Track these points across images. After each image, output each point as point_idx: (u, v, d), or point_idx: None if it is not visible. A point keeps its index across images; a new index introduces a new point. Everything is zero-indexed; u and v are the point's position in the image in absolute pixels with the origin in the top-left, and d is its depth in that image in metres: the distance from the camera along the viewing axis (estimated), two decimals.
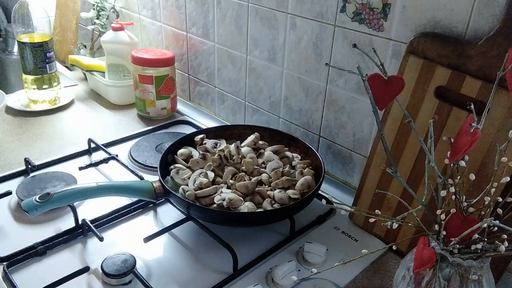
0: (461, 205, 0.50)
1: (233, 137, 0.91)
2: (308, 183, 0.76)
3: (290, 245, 0.74)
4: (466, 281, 0.51)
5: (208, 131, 0.91)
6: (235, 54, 1.03)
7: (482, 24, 0.63)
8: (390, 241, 0.67)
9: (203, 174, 0.77)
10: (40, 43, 1.10)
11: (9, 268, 0.66)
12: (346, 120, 0.85)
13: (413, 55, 0.67)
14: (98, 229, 0.72)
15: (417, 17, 0.69)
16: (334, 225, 0.79)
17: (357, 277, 0.68)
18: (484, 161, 0.60)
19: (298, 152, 0.87)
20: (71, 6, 1.41)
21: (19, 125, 1.09)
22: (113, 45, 1.17)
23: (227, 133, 0.91)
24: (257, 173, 0.80)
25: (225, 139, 0.89)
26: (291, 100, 0.95)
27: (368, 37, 0.76)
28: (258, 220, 0.73)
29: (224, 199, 0.71)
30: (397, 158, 0.70)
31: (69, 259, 0.69)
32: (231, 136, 0.91)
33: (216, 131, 0.91)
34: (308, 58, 0.87)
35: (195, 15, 1.09)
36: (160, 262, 0.70)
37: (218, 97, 1.14)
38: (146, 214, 0.80)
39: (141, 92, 1.11)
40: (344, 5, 0.78)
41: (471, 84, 0.61)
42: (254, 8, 0.94)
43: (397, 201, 0.70)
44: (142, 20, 1.29)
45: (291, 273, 0.64)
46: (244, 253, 0.69)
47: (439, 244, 0.51)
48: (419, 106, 0.67)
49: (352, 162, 0.88)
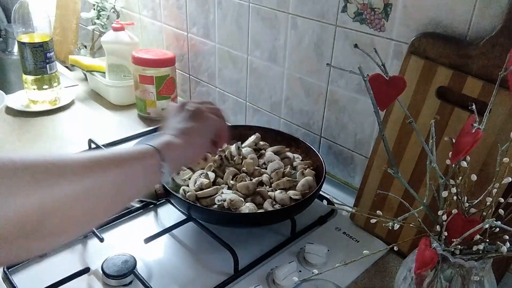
0: (463, 206, 0.50)
1: (234, 138, 0.90)
2: (309, 184, 0.76)
3: (291, 246, 0.73)
4: (467, 282, 0.51)
5: None
6: (236, 54, 1.03)
7: (484, 24, 0.62)
8: (391, 242, 0.67)
9: (204, 175, 0.77)
10: (40, 43, 1.10)
11: (9, 269, 0.65)
12: (347, 121, 0.85)
13: (414, 55, 0.67)
14: (98, 230, 0.72)
15: (418, 17, 0.69)
16: (335, 226, 0.79)
17: (358, 278, 0.68)
18: (486, 162, 0.60)
19: (299, 152, 0.87)
20: (72, 6, 1.41)
21: (19, 125, 1.09)
22: (113, 45, 1.17)
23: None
24: (258, 173, 0.80)
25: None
26: (292, 101, 0.94)
27: (370, 37, 0.76)
28: (259, 221, 0.73)
29: (225, 200, 0.71)
30: (399, 158, 0.70)
31: (70, 260, 0.69)
32: (232, 136, 0.90)
33: None
34: (309, 59, 0.87)
35: (196, 15, 1.09)
36: (161, 263, 0.69)
37: (219, 98, 1.14)
38: (147, 215, 0.80)
39: (142, 92, 1.11)
40: (345, 5, 0.77)
41: (473, 85, 0.61)
42: (255, 8, 0.94)
43: (398, 201, 0.70)
44: (143, 20, 1.28)
45: (292, 274, 0.64)
46: (245, 254, 0.69)
47: (440, 245, 0.51)
48: (421, 106, 0.67)
49: (353, 162, 0.87)
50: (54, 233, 0.43)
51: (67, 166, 0.44)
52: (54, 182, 0.42)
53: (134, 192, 0.53)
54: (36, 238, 0.41)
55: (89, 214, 0.46)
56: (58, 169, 0.43)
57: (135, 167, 0.51)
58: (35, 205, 0.40)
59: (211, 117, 0.62)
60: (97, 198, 0.46)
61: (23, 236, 0.40)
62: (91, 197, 0.45)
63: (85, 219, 0.46)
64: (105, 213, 0.49)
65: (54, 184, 0.42)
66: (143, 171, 0.52)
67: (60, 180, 0.43)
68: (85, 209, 0.45)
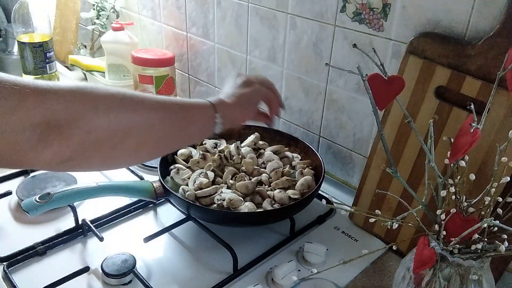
0: (461, 205, 0.50)
1: (233, 137, 0.91)
2: (308, 183, 0.76)
3: (290, 245, 0.74)
4: (466, 281, 0.51)
5: None
6: (235, 54, 1.03)
7: (482, 24, 0.63)
8: (390, 241, 0.67)
9: (203, 174, 0.77)
10: (40, 43, 1.10)
11: (9, 268, 0.66)
12: (346, 120, 0.85)
13: (413, 55, 0.67)
14: (98, 229, 0.72)
15: (417, 17, 0.69)
16: (334, 225, 0.79)
17: (357, 277, 0.68)
18: (484, 161, 0.60)
19: (298, 152, 0.87)
20: (71, 6, 1.41)
21: None
22: (113, 45, 1.17)
23: (227, 133, 0.91)
24: (257, 173, 0.80)
25: (225, 139, 0.89)
26: (291, 100, 0.95)
27: (368, 37, 0.76)
28: (258, 220, 0.73)
29: (224, 199, 0.71)
30: (397, 158, 0.70)
31: (69, 259, 0.69)
32: (231, 136, 0.91)
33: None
34: (308, 58, 0.87)
35: (195, 15, 1.09)
36: (160, 262, 0.70)
37: None
38: (146, 214, 0.80)
39: (141, 92, 1.11)
40: (344, 5, 0.78)
41: (471, 84, 0.61)
42: (254, 8, 0.94)
43: (397, 201, 0.70)
44: (142, 20, 1.28)
45: (291, 273, 0.64)
46: (244, 253, 0.69)
47: (439, 244, 0.51)
48: (419, 106, 0.67)
49: (352, 162, 0.88)
50: (134, 149, 0.55)
51: (145, 100, 0.56)
52: (136, 110, 0.54)
53: (192, 134, 0.63)
54: (121, 150, 0.54)
55: (160, 141, 0.58)
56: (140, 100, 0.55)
57: (196, 113, 0.62)
58: (121, 123, 0.52)
59: (259, 87, 0.71)
60: (166, 130, 0.58)
61: (112, 146, 0.52)
62: (162, 128, 0.57)
63: (156, 144, 0.58)
64: (171, 145, 0.62)
65: (135, 111, 0.54)
66: (202, 117, 0.63)
67: (140, 109, 0.55)
68: (157, 136, 0.57)
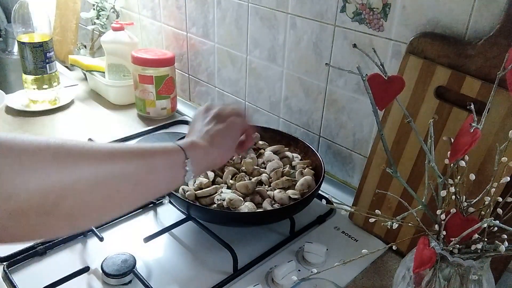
0: (461, 205, 0.50)
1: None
2: (308, 183, 0.76)
3: (290, 245, 0.74)
4: (466, 281, 0.51)
5: None
6: (235, 54, 1.03)
7: (482, 24, 0.63)
8: (390, 241, 0.67)
9: (203, 174, 0.77)
10: (40, 43, 1.10)
11: (9, 268, 0.66)
12: (346, 120, 0.85)
13: (413, 55, 0.67)
14: (98, 229, 0.72)
15: (417, 17, 0.69)
16: (334, 225, 0.79)
17: (357, 277, 0.68)
18: (484, 161, 0.60)
19: (298, 152, 0.87)
20: (71, 6, 1.41)
21: (19, 125, 1.09)
22: (113, 45, 1.17)
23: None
24: (257, 173, 0.80)
25: None
26: (291, 100, 0.95)
27: (368, 37, 0.76)
28: (258, 220, 0.73)
29: (224, 199, 0.71)
30: (397, 158, 0.70)
31: (69, 259, 0.69)
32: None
33: None
34: (308, 58, 0.87)
35: (195, 15, 1.09)
36: (160, 262, 0.70)
37: (218, 97, 1.14)
38: (146, 214, 0.80)
39: (141, 92, 1.11)
40: (344, 5, 0.78)
41: (471, 84, 0.61)
42: (254, 8, 0.94)
43: (397, 201, 0.70)
44: (142, 20, 1.28)
45: (291, 273, 0.64)
46: (244, 253, 0.69)
47: (439, 244, 0.51)
48: (419, 106, 0.67)
49: (352, 162, 0.88)
50: (72, 215, 0.43)
51: (89, 151, 0.45)
52: (75, 165, 0.43)
53: (155, 186, 0.52)
54: (55, 217, 0.42)
55: (108, 202, 0.46)
56: (79, 153, 0.44)
57: (158, 161, 0.51)
58: (55, 184, 0.41)
59: (234, 119, 0.62)
60: (116, 187, 0.46)
61: (42, 213, 0.41)
62: (111, 185, 0.46)
63: (103, 206, 0.46)
64: (124, 204, 0.49)
65: (74, 166, 0.43)
66: (166, 166, 0.52)
67: (80, 164, 0.43)
68: (104, 195, 0.45)
